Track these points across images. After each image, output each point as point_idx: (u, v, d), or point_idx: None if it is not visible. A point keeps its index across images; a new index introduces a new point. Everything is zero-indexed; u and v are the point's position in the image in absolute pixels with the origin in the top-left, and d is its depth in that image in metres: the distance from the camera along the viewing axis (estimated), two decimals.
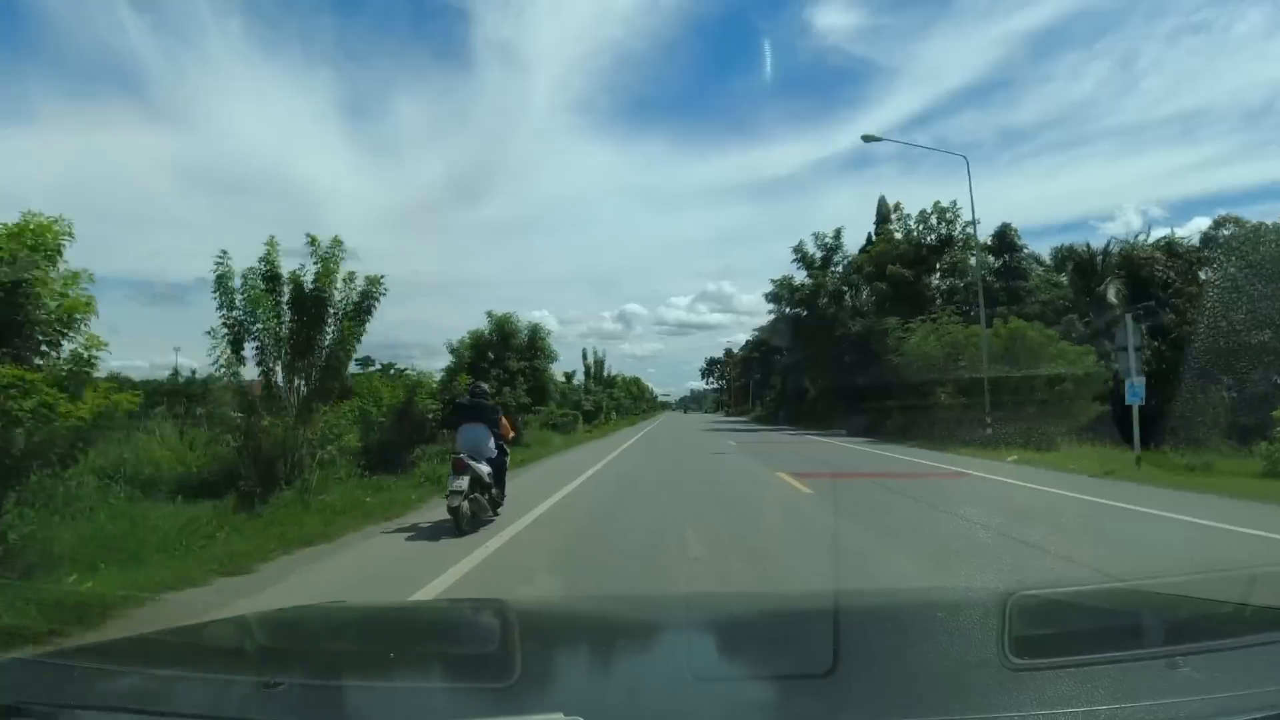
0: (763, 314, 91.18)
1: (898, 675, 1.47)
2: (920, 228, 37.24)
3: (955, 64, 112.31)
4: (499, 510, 7.79)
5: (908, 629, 1.92)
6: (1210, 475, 12.46)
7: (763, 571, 5.58)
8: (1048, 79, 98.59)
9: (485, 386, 8.56)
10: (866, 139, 24.58)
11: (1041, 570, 5.52)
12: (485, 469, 7.43)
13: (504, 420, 8.18)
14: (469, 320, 26.17)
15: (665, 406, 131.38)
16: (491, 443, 7.75)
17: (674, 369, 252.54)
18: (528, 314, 30.25)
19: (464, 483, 6.94)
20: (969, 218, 32.18)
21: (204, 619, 3.45)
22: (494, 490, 7.65)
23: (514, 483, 9.09)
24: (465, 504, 6.89)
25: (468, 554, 5.98)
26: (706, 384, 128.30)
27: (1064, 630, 1.82)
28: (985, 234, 33.74)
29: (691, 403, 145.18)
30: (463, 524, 6.83)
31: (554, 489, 10.52)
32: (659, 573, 5.53)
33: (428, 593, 4.82)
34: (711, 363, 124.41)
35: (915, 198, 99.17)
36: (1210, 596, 2.03)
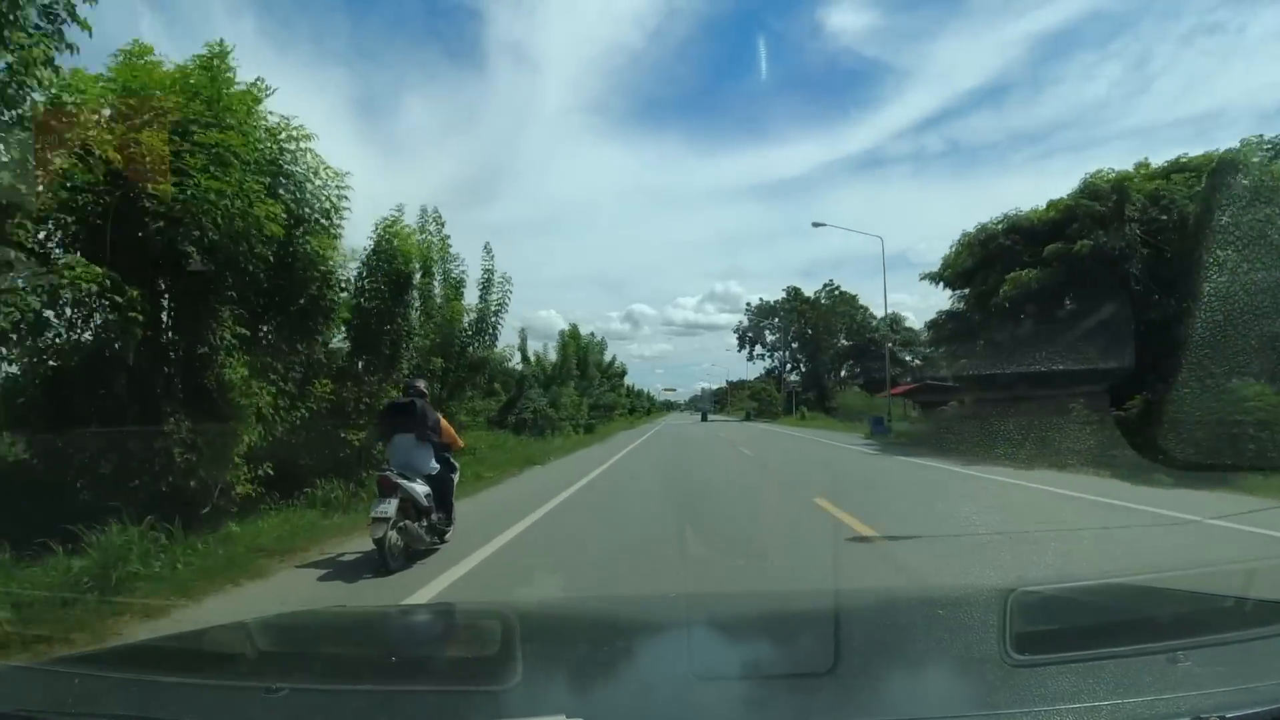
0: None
1: (899, 672, 1.47)
2: None
3: (968, 65, 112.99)
4: (446, 538, 6.55)
5: (909, 626, 1.92)
6: None
7: None
8: (1060, 80, 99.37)
9: (422, 384, 6.87)
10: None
11: None
12: (421, 489, 6.11)
13: (446, 427, 6.72)
14: None
15: (671, 407, 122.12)
16: (431, 457, 6.42)
17: (682, 370, 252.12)
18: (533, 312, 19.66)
19: (390, 507, 5.67)
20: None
21: (204, 625, 3.43)
22: (435, 515, 6.29)
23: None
24: (393, 533, 5.66)
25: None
26: (748, 356, 74.14)
27: (1065, 626, 1.82)
28: None
29: (704, 402, 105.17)
30: (390, 558, 5.59)
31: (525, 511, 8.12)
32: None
33: None
34: (761, 315, 70.05)
35: (925, 199, 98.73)
36: (1210, 591, 2.03)
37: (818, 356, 64.06)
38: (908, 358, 54.20)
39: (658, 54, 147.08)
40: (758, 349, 73.60)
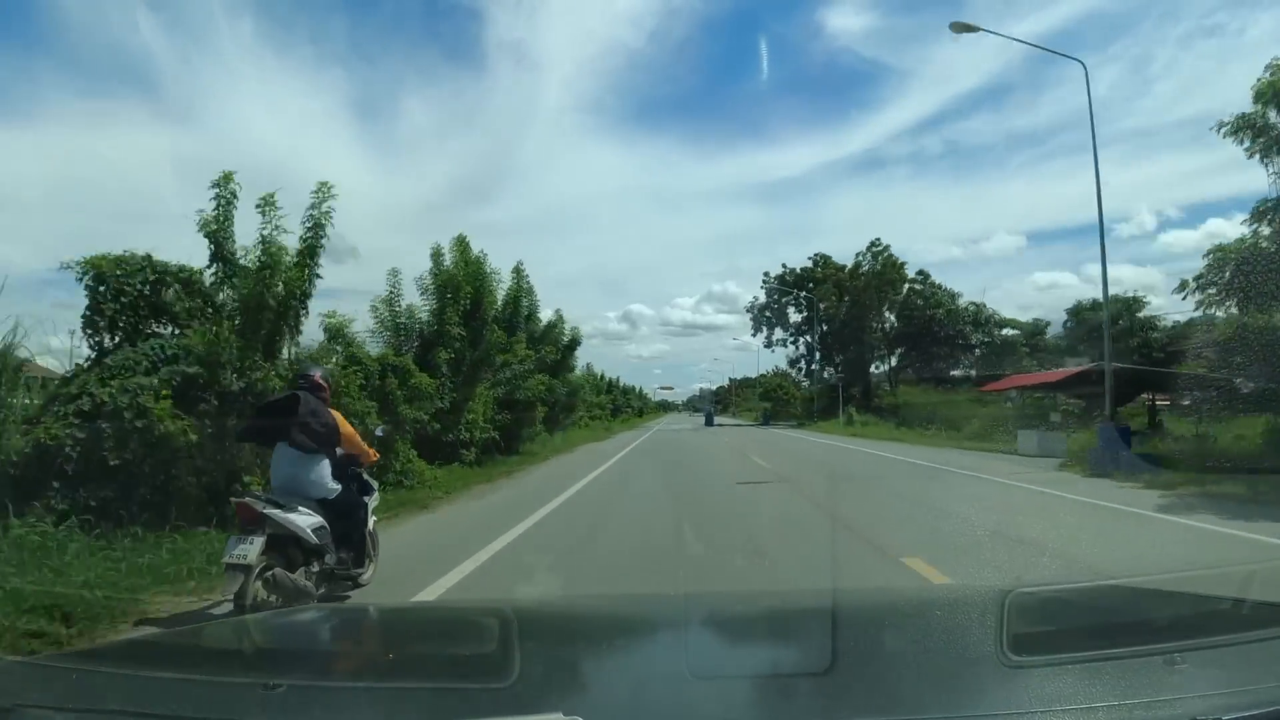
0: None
1: (896, 672, 1.47)
2: None
3: (967, 67, 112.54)
4: (362, 580, 4.99)
5: (906, 627, 1.93)
6: None
7: None
8: (1060, 82, 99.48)
9: (320, 374, 5.15)
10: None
11: None
12: (307, 520, 4.43)
13: (347, 432, 4.99)
14: None
15: (668, 407, 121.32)
16: (327, 473, 4.76)
17: (680, 370, 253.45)
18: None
19: (251, 548, 4.02)
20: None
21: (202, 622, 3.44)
22: (333, 556, 4.61)
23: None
24: (258, 585, 4.04)
25: None
26: (766, 341, 54.62)
27: (1062, 627, 1.82)
28: None
29: (704, 402, 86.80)
30: None
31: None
32: None
33: None
34: (783, 287, 51.49)
35: (926, 200, 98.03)
36: (1207, 593, 2.03)
37: (862, 340, 46.92)
38: (975, 345, 43.64)
39: (656, 54, 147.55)
40: (777, 333, 54.40)
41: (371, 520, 5.29)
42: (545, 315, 22.06)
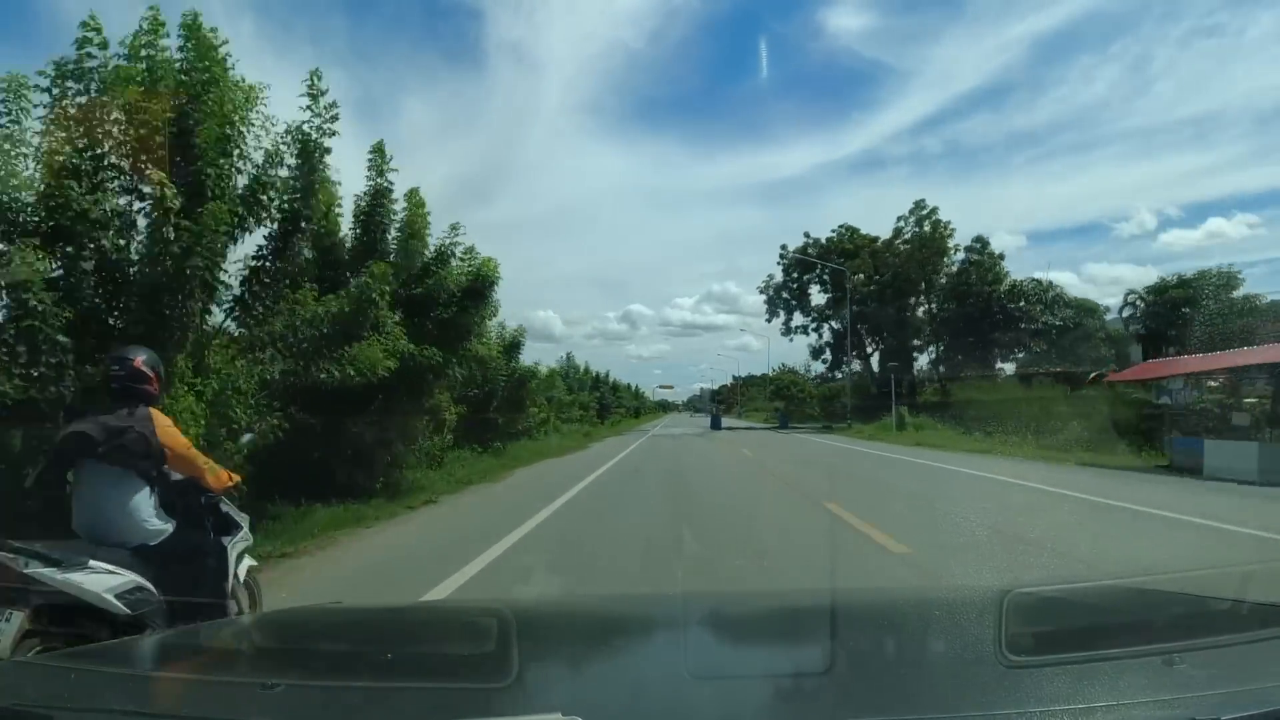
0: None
1: (895, 673, 1.48)
2: None
3: (968, 67, 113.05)
4: None
5: (904, 627, 1.93)
6: None
7: None
8: (1060, 82, 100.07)
9: (143, 359, 3.45)
10: None
11: None
12: (109, 581, 2.93)
13: (177, 442, 3.39)
14: None
15: (668, 408, 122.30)
16: (147, 506, 3.26)
17: (680, 370, 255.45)
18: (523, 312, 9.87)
19: (7, 628, 2.69)
20: None
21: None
22: (158, 630, 2.95)
23: None
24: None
25: None
26: (784, 327, 45.52)
27: (1060, 628, 1.82)
28: None
29: (705, 402, 78.91)
30: None
31: None
32: None
33: None
34: (806, 260, 42.21)
35: (926, 200, 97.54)
36: (1206, 593, 2.03)
37: (904, 324, 39.23)
38: (1049, 329, 34.48)
39: (656, 54, 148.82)
40: (796, 318, 45.16)
41: (243, 567, 3.75)
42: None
